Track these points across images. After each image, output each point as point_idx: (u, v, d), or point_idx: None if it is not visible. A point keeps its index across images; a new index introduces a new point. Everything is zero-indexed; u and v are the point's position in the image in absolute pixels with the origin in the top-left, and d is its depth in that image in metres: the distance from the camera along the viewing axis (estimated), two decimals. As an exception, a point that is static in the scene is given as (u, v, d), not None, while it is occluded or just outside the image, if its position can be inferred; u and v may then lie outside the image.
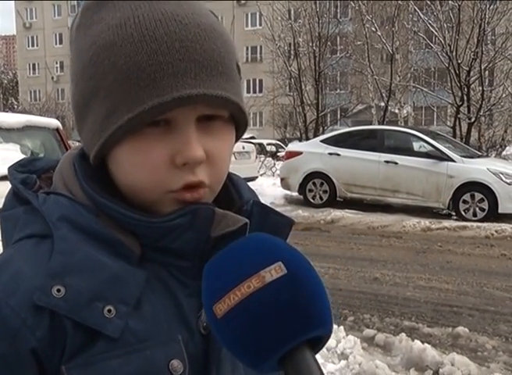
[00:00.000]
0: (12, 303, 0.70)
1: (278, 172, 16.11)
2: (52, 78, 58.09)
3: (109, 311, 0.71)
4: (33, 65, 62.95)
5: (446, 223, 10.58)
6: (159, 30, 0.71)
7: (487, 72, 22.10)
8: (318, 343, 0.63)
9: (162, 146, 0.73)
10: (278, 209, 0.91)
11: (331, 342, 4.59)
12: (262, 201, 0.91)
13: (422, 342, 4.66)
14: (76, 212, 0.75)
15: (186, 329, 0.76)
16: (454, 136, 19.70)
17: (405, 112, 27.62)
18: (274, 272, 0.61)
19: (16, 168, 0.86)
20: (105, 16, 0.74)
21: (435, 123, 32.22)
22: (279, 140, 33.76)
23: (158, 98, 0.70)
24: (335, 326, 4.86)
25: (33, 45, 64.20)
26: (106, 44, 0.72)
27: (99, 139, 0.74)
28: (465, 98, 20.44)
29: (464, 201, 11.14)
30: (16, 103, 55.76)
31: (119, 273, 0.73)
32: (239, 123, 0.81)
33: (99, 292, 0.71)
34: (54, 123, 6.04)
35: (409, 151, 12.08)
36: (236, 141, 0.83)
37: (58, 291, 0.70)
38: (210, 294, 0.63)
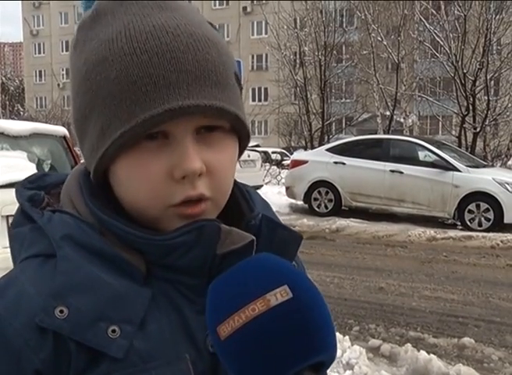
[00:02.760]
0: (15, 324, 0.69)
1: (283, 180, 16.12)
2: (58, 85, 58.26)
3: (113, 331, 0.70)
4: (40, 72, 63.22)
5: (452, 233, 10.56)
6: (150, 42, 0.70)
7: (492, 81, 22.09)
8: (321, 367, 0.62)
9: (160, 159, 0.71)
10: (283, 218, 0.92)
11: (336, 352, 4.57)
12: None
13: (428, 353, 4.64)
14: (79, 231, 0.74)
15: (195, 347, 0.75)
16: (459, 145, 19.67)
17: (410, 121, 27.60)
18: (279, 295, 0.60)
19: (24, 185, 0.85)
20: (99, 32, 0.74)
21: (440, 132, 32.15)
22: (284, 148, 33.76)
23: (150, 110, 0.69)
24: (340, 336, 4.86)
25: (39, 52, 64.50)
26: (99, 59, 0.72)
27: (96, 155, 0.74)
28: (471, 107, 20.44)
29: (470, 211, 11.11)
30: (22, 110, 56.01)
31: (123, 291, 0.72)
32: (240, 133, 0.79)
33: (103, 312, 0.70)
34: (61, 130, 6.06)
35: (414, 161, 12.07)
36: (241, 151, 0.82)
37: (61, 312, 0.69)
38: (214, 315, 0.63)
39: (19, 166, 5.12)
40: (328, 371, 0.83)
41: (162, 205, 0.73)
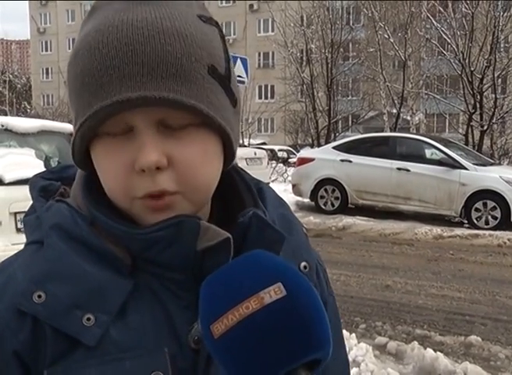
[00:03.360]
0: (0, 306, 0.74)
1: (289, 178, 16.12)
2: (65, 82, 57.37)
3: (88, 319, 0.72)
4: (47, 69, 63.36)
5: (458, 231, 10.54)
6: (112, 35, 0.70)
7: (500, 79, 22.03)
8: (316, 364, 0.61)
9: (123, 152, 0.72)
10: None
11: (343, 349, 4.57)
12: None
13: (434, 351, 4.63)
14: (71, 221, 0.77)
15: (176, 342, 0.75)
16: (466, 143, 19.64)
17: (417, 119, 27.54)
18: (273, 293, 0.60)
19: (43, 175, 0.88)
20: (85, 27, 0.76)
21: (447, 130, 32.09)
22: (290, 146, 33.79)
23: (101, 102, 0.69)
24: (346, 334, 4.86)
25: (46, 50, 64.64)
26: (74, 53, 0.73)
27: (73, 144, 0.77)
28: (478, 105, 20.38)
29: (477, 209, 11.08)
30: (29, 107, 56.11)
31: (102, 282, 0.73)
32: (210, 127, 0.75)
33: (79, 300, 0.72)
34: (68, 127, 6.07)
35: (421, 159, 12.04)
36: (229, 152, 0.79)
37: (39, 296, 0.72)
38: (207, 312, 0.62)
39: (26, 163, 5.14)
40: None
41: (128, 197, 0.74)
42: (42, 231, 0.77)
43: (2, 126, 5.50)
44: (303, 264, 0.86)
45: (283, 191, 14.96)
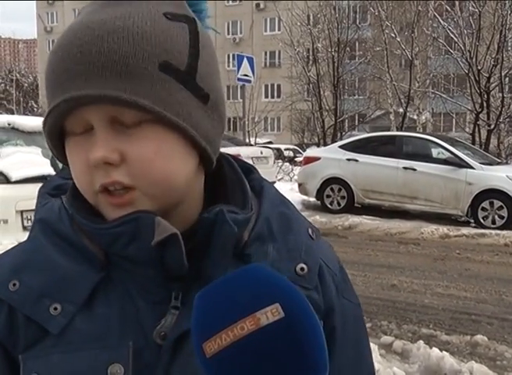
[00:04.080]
0: None
1: (295, 177, 16.12)
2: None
3: (55, 308, 0.76)
4: (54, 68, 63.51)
5: (465, 231, 10.50)
6: (68, 38, 0.73)
7: (507, 78, 21.96)
8: None
9: (82, 147, 0.74)
10: None
11: (348, 348, 4.57)
12: None
13: (440, 350, 4.62)
14: (56, 217, 0.81)
15: (143, 336, 0.76)
16: (473, 143, 19.58)
17: (424, 118, 27.48)
18: (270, 314, 0.57)
19: (64, 174, 0.90)
20: None
21: (453, 129, 32.03)
22: (296, 145, 33.78)
23: (53, 101, 0.73)
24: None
25: (53, 49, 64.78)
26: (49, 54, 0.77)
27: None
28: (485, 104, 20.32)
29: (483, 209, 11.04)
30: (35, 106, 56.28)
31: (71, 274, 0.77)
32: (167, 124, 0.74)
33: (49, 290, 0.77)
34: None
35: (427, 158, 12.00)
36: (196, 145, 0.77)
37: (14, 285, 0.77)
38: (200, 330, 0.60)
39: (33, 161, 5.17)
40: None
41: (91, 191, 0.76)
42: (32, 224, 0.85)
43: (9, 124, 5.53)
44: (299, 266, 0.83)
45: (289, 190, 14.96)
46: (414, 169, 11.79)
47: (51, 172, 4.79)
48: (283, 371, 0.57)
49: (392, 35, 24.97)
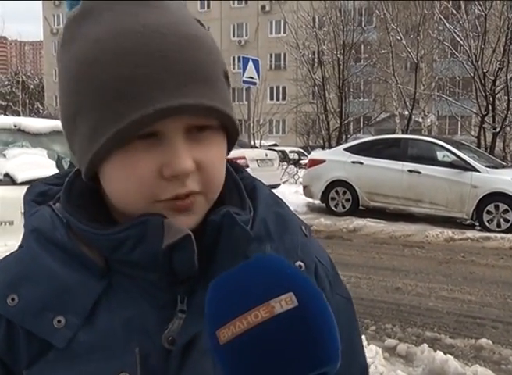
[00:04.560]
0: None
1: (300, 180, 16.12)
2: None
3: (59, 321, 0.73)
4: (60, 70, 63.64)
5: (470, 234, 10.49)
6: (139, 42, 0.70)
7: (513, 81, 21.91)
8: None
9: (150, 159, 0.71)
10: (300, 217, 0.91)
11: (352, 351, 4.57)
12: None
13: (445, 353, 4.62)
14: (49, 225, 0.78)
15: (149, 341, 0.74)
16: (479, 146, 19.55)
17: (429, 121, 27.48)
18: (284, 303, 0.57)
19: (48, 180, 0.89)
20: (87, 31, 0.73)
21: (459, 132, 31.96)
22: (301, 147, 33.75)
23: (139, 111, 0.68)
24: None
25: (59, 51, 64.92)
26: (88, 59, 0.71)
27: (87, 156, 0.74)
28: (490, 107, 20.30)
29: (488, 212, 11.02)
30: (41, 108, 56.45)
31: (73, 284, 0.75)
32: (229, 131, 0.79)
33: (50, 302, 0.74)
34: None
35: (432, 161, 11.99)
36: (230, 147, 0.81)
37: (13, 299, 0.74)
38: (214, 316, 0.60)
39: (39, 163, 5.18)
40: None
41: (149, 200, 0.73)
42: (24, 234, 0.80)
43: (15, 126, 5.55)
44: (297, 264, 0.84)
45: (294, 192, 14.98)
46: (419, 172, 11.78)
47: (57, 173, 4.79)
48: (296, 359, 0.57)
49: (398, 38, 24.97)
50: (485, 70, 20.22)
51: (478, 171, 11.22)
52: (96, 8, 0.74)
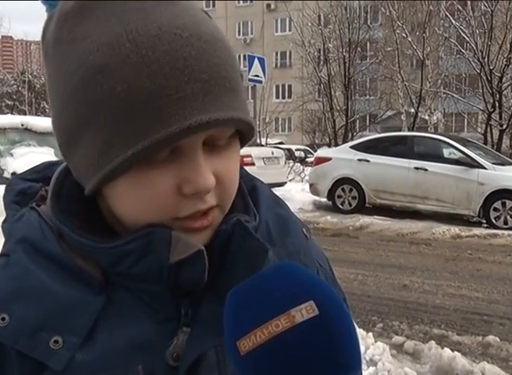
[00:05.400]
0: None
1: (307, 178, 16.11)
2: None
3: (56, 342, 0.67)
4: (66, 70, 63.75)
5: (477, 231, 10.47)
6: (159, 48, 0.61)
7: (520, 78, 21.83)
8: None
9: (168, 176, 0.65)
10: (306, 215, 0.89)
11: (359, 348, 4.57)
12: (290, 207, 0.85)
13: (452, 350, 4.61)
14: (39, 234, 0.72)
15: (153, 358, 0.69)
16: (485, 143, 19.51)
17: (435, 118, 27.40)
18: (305, 312, 0.56)
19: (24, 175, 0.82)
20: (90, 31, 0.65)
21: (465, 129, 31.89)
22: (307, 145, 33.73)
23: (165, 129, 0.61)
24: (363, 333, 4.86)
25: (65, 50, 65.06)
26: (97, 66, 0.63)
27: (97, 173, 0.66)
28: (497, 104, 20.24)
29: (495, 209, 11.00)
30: (47, 107, 56.53)
31: (69, 301, 0.68)
32: (245, 136, 0.73)
33: (46, 322, 0.67)
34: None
35: (439, 158, 11.97)
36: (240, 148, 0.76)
37: (3, 319, 0.67)
38: (234, 328, 0.58)
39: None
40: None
41: (167, 218, 0.68)
42: (11, 244, 0.72)
43: (22, 125, 5.58)
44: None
45: (301, 190, 14.98)
46: (426, 170, 11.76)
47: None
48: (318, 368, 0.56)
49: (404, 35, 24.91)
50: (491, 67, 20.15)
51: (484, 168, 11.20)
52: (95, 4, 0.66)
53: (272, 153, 13.91)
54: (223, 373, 0.70)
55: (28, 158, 5.22)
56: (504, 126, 20.23)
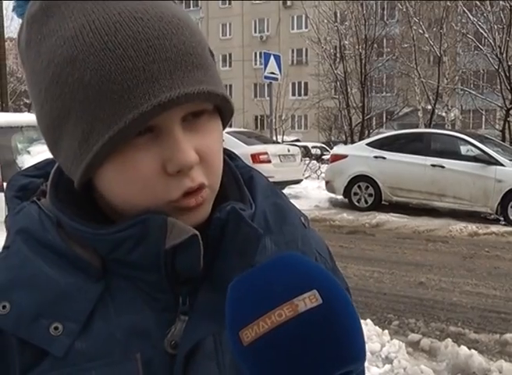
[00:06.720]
0: None
1: (323, 175, 16.08)
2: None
3: (56, 328, 0.68)
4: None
5: (494, 228, 10.39)
6: (121, 32, 0.63)
7: (538, 74, 21.63)
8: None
9: (150, 156, 0.67)
10: (323, 212, 0.88)
11: (375, 346, 4.57)
12: (306, 204, 0.83)
13: (469, 348, 4.59)
14: (38, 224, 0.73)
15: (151, 346, 0.70)
16: (503, 140, 19.34)
17: (452, 115, 27.24)
18: (308, 301, 0.56)
19: (27, 172, 0.84)
20: (56, 28, 0.67)
21: (483, 126, 31.63)
22: (323, 143, 33.66)
23: (137, 108, 0.63)
24: (379, 330, 4.85)
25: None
26: (66, 59, 0.65)
27: (81, 163, 0.68)
28: (515, 101, 20.04)
29: (513, 206, 10.92)
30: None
31: (68, 288, 0.70)
32: (224, 112, 0.74)
33: (45, 309, 0.68)
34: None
35: (456, 155, 11.89)
36: (224, 127, 0.76)
37: (4, 307, 0.68)
38: (236, 317, 0.58)
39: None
40: (366, 364, 0.81)
41: (162, 201, 0.69)
42: (11, 235, 0.74)
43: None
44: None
45: (317, 187, 14.96)
46: (443, 167, 11.69)
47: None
48: (322, 358, 0.56)
49: (421, 31, 24.79)
50: (509, 63, 19.99)
51: (502, 165, 11.11)
52: (59, 3, 0.68)
53: (288, 150, 13.90)
54: (221, 360, 0.71)
55: (45, 156, 5.26)
56: (522, 123, 20.07)
